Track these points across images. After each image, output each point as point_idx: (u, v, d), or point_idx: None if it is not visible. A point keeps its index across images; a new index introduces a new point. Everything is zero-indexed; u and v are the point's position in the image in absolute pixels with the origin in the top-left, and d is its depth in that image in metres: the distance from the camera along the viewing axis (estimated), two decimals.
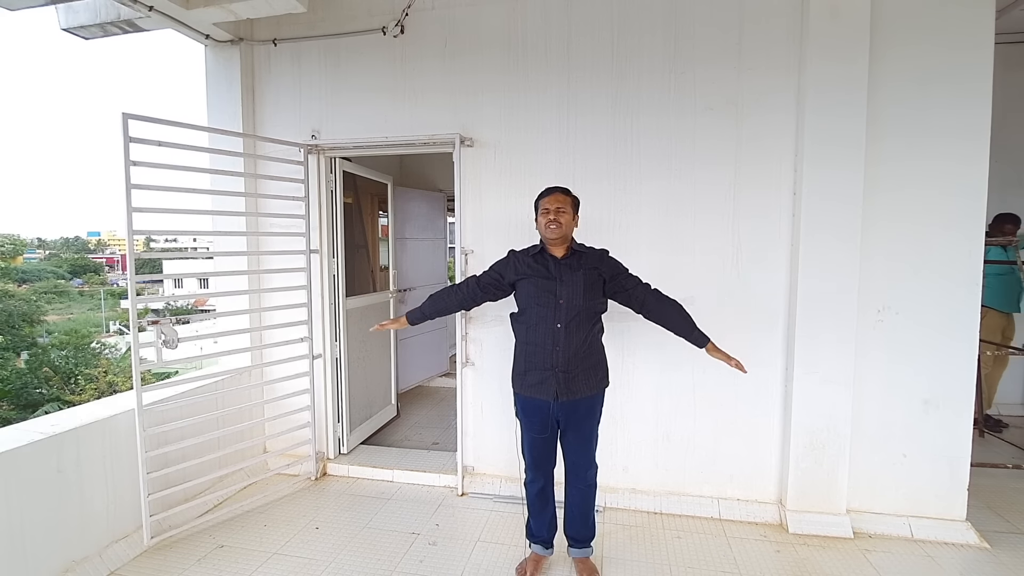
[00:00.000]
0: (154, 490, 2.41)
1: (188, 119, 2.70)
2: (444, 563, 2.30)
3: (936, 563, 2.28)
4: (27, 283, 31.58)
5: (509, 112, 2.84)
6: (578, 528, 2.19)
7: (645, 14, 2.66)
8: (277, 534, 2.54)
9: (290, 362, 3.00)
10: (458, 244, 2.93)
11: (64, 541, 2.14)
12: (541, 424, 2.09)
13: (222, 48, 3.15)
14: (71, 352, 17.58)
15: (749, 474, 2.70)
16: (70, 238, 50.57)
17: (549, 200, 2.06)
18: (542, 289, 2.03)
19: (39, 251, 45.28)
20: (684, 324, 2.10)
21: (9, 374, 15.94)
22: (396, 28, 2.92)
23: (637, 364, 2.77)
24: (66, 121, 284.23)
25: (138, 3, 2.61)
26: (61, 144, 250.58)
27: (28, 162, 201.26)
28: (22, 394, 15.20)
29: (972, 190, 2.37)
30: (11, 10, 2.64)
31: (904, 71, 2.40)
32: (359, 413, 3.52)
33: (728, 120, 2.60)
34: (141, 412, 2.33)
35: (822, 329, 2.47)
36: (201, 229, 3.00)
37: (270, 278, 3.14)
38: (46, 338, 20.99)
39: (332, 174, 3.20)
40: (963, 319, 2.42)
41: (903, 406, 2.50)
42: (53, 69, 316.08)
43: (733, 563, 2.29)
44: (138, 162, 2.29)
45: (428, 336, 5.10)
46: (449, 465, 3.12)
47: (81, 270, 40.32)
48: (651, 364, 2.77)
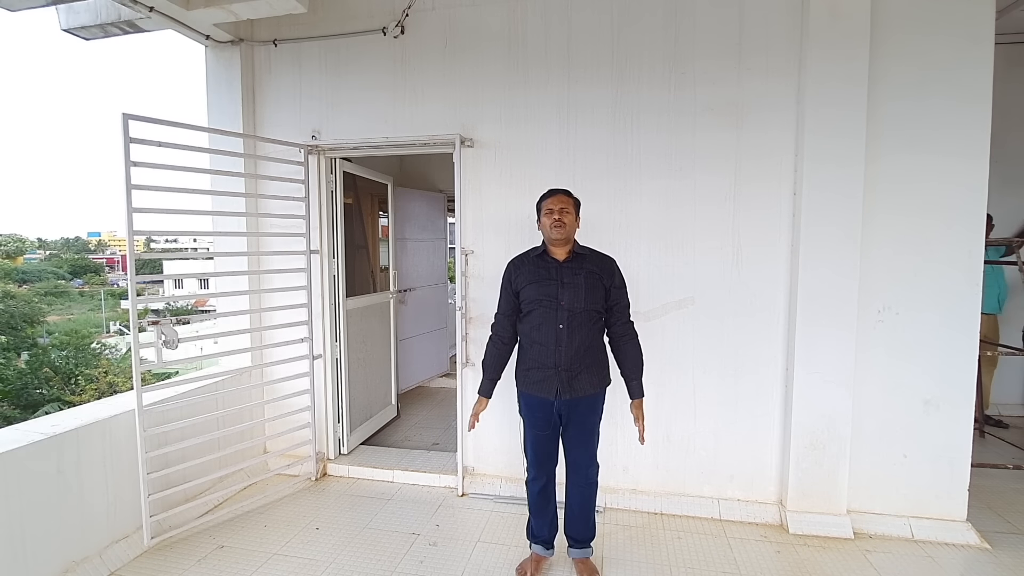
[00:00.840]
0: (154, 490, 2.41)
1: (188, 120, 2.71)
2: (444, 563, 2.30)
3: (937, 564, 2.28)
4: (28, 284, 31.64)
5: (509, 112, 2.85)
6: (578, 528, 2.19)
7: (645, 13, 2.66)
8: (277, 534, 2.54)
9: (290, 362, 3.00)
10: (458, 244, 2.94)
11: (64, 541, 2.13)
12: (544, 420, 2.11)
13: (222, 49, 3.15)
14: (71, 352, 17.64)
15: (749, 474, 2.70)
16: (71, 239, 50.66)
17: (552, 201, 2.07)
18: (544, 292, 2.05)
19: (40, 251, 45.34)
20: (634, 370, 2.15)
21: (10, 374, 15.97)
22: (396, 28, 2.93)
23: None
24: (67, 122, 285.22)
25: (139, 4, 2.61)
26: (62, 145, 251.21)
27: (29, 163, 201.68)
28: (22, 394, 15.24)
29: (972, 190, 2.37)
30: (12, 11, 2.65)
31: (904, 71, 2.39)
32: (359, 413, 3.52)
33: (728, 119, 2.60)
34: (141, 412, 2.33)
35: (823, 329, 2.47)
36: (201, 229, 3.00)
37: (270, 278, 3.15)
38: (46, 339, 21.02)
39: (332, 174, 3.20)
40: (963, 319, 2.42)
41: (904, 406, 2.50)
42: (54, 70, 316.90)
43: (733, 564, 2.29)
44: (138, 163, 2.29)
45: (428, 336, 5.10)
46: (449, 466, 3.12)
47: (81, 270, 40.38)
48: (651, 364, 2.74)
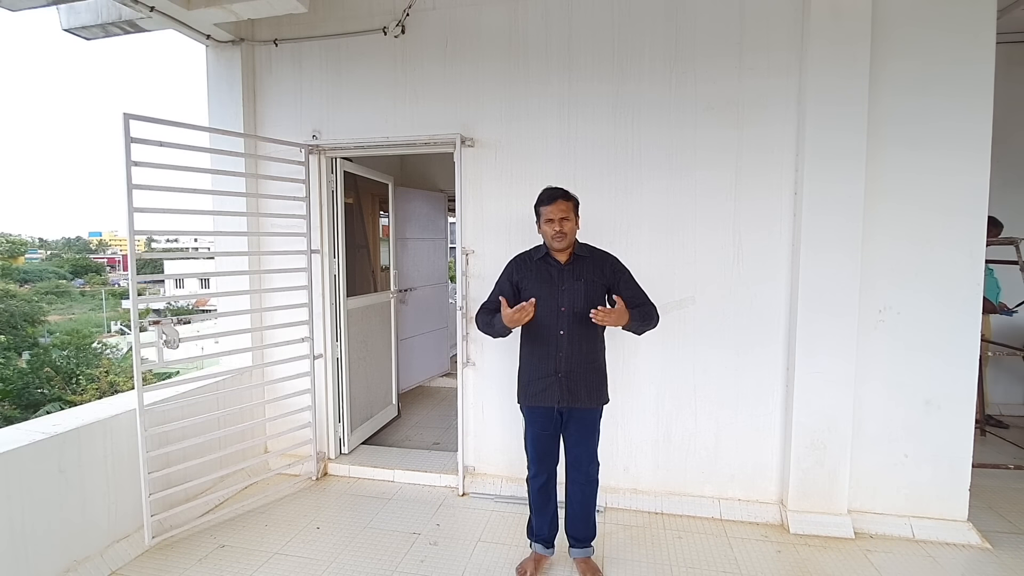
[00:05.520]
0: (155, 490, 2.41)
1: (189, 119, 2.71)
2: (445, 563, 2.30)
3: (937, 564, 2.28)
4: (29, 283, 31.64)
5: (510, 112, 2.84)
6: (579, 527, 2.19)
7: (646, 13, 2.66)
8: (278, 534, 2.54)
9: (291, 362, 3.00)
10: (459, 244, 2.94)
11: (65, 541, 2.14)
12: (545, 420, 2.12)
13: (223, 48, 3.15)
14: (72, 352, 17.64)
15: (750, 474, 2.70)
16: (71, 238, 50.68)
17: (552, 210, 2.04)
18: (544, 296, 2.06)
19: (41, 251, 45.36)
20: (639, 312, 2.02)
21: (11, 374, 15.99)
22: (397, 28, 2.92)
23: (639, 364, 2.77)
24: (68, 121, 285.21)
25: (139, 3, 2.61)
26: (63, 144, 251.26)
27: (30, 162, 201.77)
28: (24, 394, 15.26)
29: (974, 190, 2.36)
30: (13, 11, 2.65)
31: (905, 71, 2.39)
32: (360, 413, 3.53)
33: (729, 118, 2.60)
34: (142, 412, 2.34)
35: (823, 328, 2.47)
36: (202, 229, 3.01)
37: (271, 278, 3.15)
38: (47, 338, 21.04)
39: (333, 174, 3.20)
40: (965, 319, 2.41)
41: (904, 406, 2.50)
42: (54, 70, 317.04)
43: (734, 563, 2.29)
44: (139, 162, 2.29)
45: (429, 336, 5.10)
46: (450, 465, 3.12)
47: (83, 270, 40.38)
48: (652, 364, 2.77)
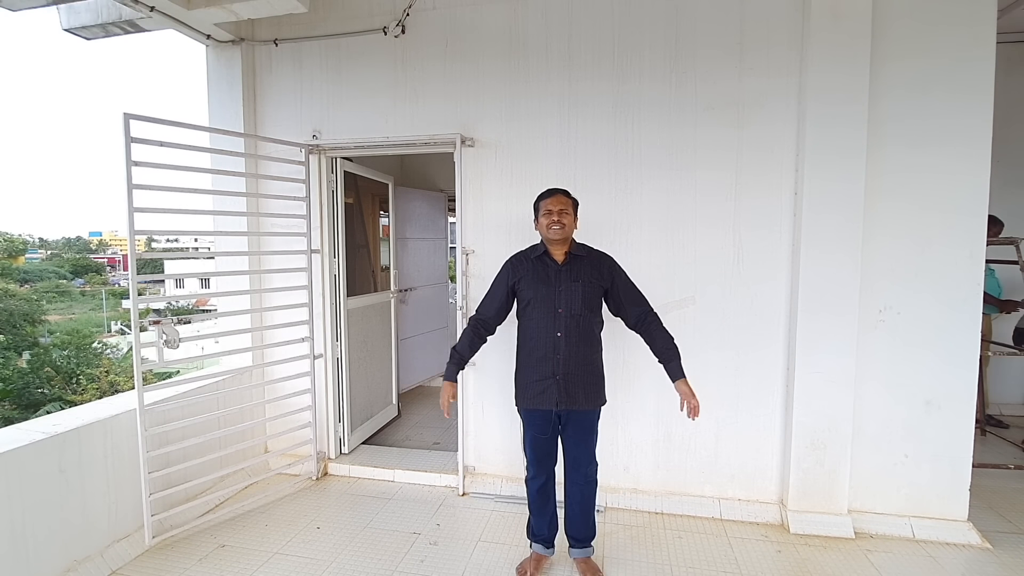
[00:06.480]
0: (155, 490, 2.42)
1: (189, 119, 2.71)
2: (445, 563, 2.30)
3: (938, 563, 2.28)
4: (29, 283, 31.66)
5: (510, 112, 2.84)
6: (579, 527, 2.19)
7: (646, 12, 2.66)
8: (278, 534, 2.54)
9: (291, 362, 3.00)
10: (459, 244, 2.93)
11: (66, 540, 2.14)
12: (543, 423, 2.12)
13: (223, 48, 3.15)
14: (73, 352, 17.64)
15: (750, 474, 2.70)
16: (72, 238, 50.75)
17: (551, 202, 2.07)
18: (541, 297, 2.06)
19: (41, 251, 45.38)
20: (666, 351, 2.10)
21: (11, 374, 16.00)
22: (397, 28, 2.92)
23: (639, 364, 2.76)
24: (68, 121, 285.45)
25: (139, 3, 2.61)
26: (63, 144, 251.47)
27: (30, 162, 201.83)
28: (24, 394, 15.26)
29: (974, 189, 2.36)
30: (13, 11, 2.65)
31: (905, 70, 2.39)
32: (360, 413, 3.53)
33: (729, 118, 2.59)
34: (143, 412, 2.34)
35: (824, 328, 2.47)
36: (202, 229, 3.00)
37: (271, 278, 3.15)
38: (48, 338, 21.04)
39: (333, 174, 3.20)
40: (965, 319, 2.41)
41: (905, 406, 2.50)
42: (55, 70, 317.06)
43: (734, 563, 2.29)
44: (140, 162, 2.29)
45: (429, 336, 5.10)
46: (450, 465, 3.12)
47: (83, 270, 40.43)
48: (652, 364, 2.74)
